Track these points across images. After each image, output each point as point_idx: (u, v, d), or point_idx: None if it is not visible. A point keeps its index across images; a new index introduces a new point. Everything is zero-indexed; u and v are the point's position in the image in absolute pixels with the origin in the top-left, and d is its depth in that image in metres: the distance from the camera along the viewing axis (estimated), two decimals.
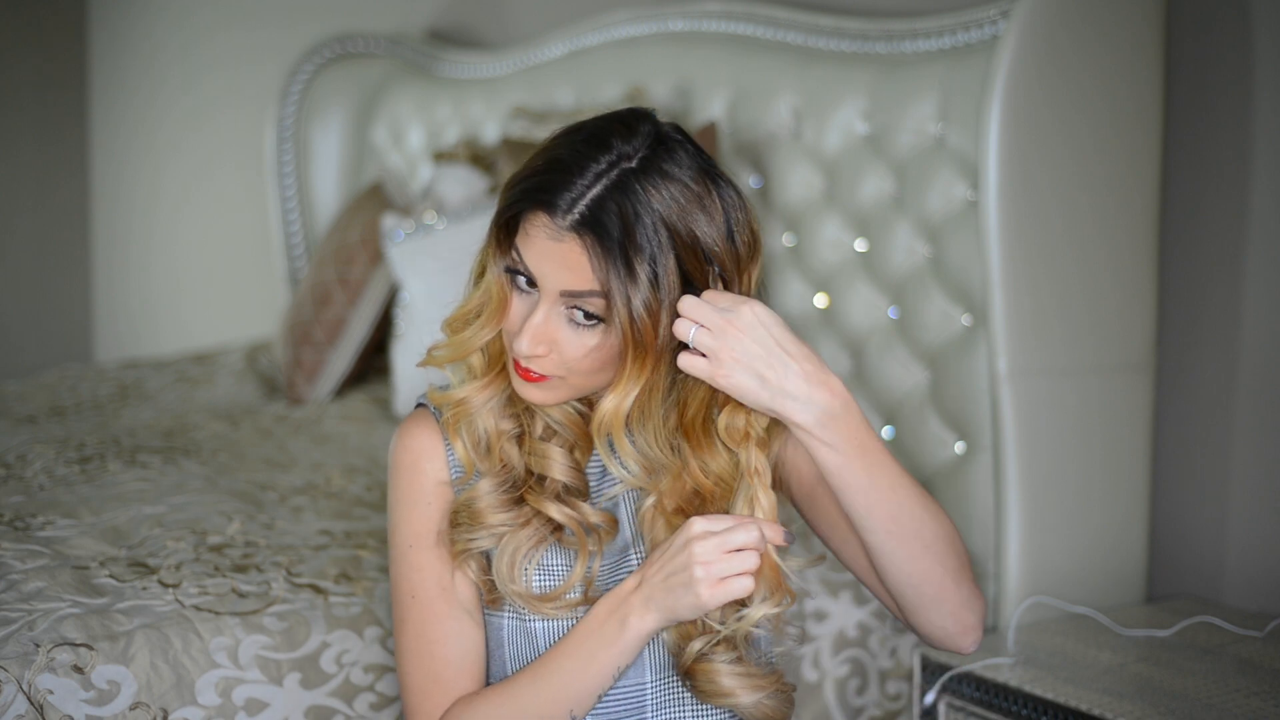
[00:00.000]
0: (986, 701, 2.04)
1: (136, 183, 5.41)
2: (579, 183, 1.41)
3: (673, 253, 1.42)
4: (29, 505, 2.23)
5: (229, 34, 4.84)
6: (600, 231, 1.40)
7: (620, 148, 1.43)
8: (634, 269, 1.40)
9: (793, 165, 2.64)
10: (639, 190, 1.41)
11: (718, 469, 1.51)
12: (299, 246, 3.86)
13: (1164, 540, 2.46)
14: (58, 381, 3.28)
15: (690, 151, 1.46)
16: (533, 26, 3.64)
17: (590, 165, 1.42)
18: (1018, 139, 2.23)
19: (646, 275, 1.41)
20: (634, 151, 1.43)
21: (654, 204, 1.41)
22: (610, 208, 1.41)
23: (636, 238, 1.40)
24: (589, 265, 1.41)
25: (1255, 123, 2.32)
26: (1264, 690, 1.97)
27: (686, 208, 1.43)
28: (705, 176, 1.45)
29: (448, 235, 2.87)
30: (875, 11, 2.68)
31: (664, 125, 1.47)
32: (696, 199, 1.43)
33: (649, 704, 1.54)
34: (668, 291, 1.42)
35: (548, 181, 1.42)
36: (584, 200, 1.41)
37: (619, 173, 1.42)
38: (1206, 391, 2.40)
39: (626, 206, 1.41)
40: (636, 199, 1.41)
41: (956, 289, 2.37)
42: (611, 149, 1.42)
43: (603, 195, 1.41)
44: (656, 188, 1.42)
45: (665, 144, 1.44)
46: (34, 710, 1.69)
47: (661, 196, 1.42)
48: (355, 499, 2.37)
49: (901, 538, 1.45)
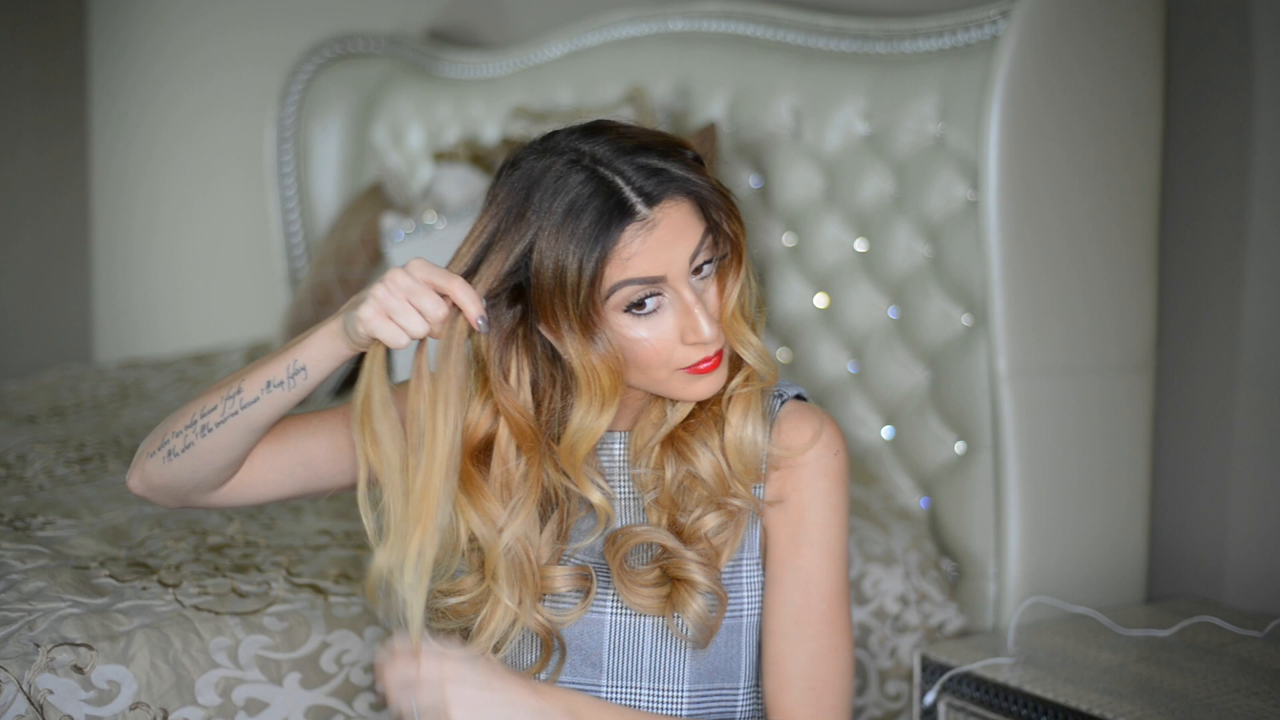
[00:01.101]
0: (986, 701, 2.04)
1: (137, 183, 5.41)
2: (607, 183, 1.43)
3: (674, 146, 1.48)
4: (29, 505, 2.23)
5: (229, 35, 4.84)
6: (666, 183, 1.44)
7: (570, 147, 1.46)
8: (690, 173, 1.45)
9: (793, 165, 2.64)
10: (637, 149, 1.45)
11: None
12: (299, 246, 3.86)
13: (1164, 540, 2.46)
14: (58, 381, 3.28)
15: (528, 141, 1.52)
16: (533, 26, 3.64)
17: (581, 176, 1.44)
18: (1018, 139, 2.23)
19: (695, 169, 1.47)
20: (575, 139, 1.46)
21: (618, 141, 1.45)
22: (642, 170, 1.44)
23: (665, 157, 1.45)
24: (685, 209, 1.45)
25: (1255, 123, 2.32)
26: (1264, 690, 1.97)
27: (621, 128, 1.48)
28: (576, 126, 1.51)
29: (448, 235, 2.87)
30: (875, 11, 2.68)
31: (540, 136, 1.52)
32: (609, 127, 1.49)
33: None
34: (706, 171, 1.49)
35: (600, 209, 1.43)
36: (626, 185, 1.43)
37: (605, 157, 1.44)
38: (1206, 391, 2.40)
39: (653, 156, 1.44)
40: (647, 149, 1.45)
41: (956, 289, 2.37)
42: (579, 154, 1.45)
43: (623, 169, 1.44)
44: (617, 137, 1.46)
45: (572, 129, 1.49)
46: (34, 710, 1.69)
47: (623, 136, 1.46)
48: (355, 499, 2.37)
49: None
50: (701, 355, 1.47)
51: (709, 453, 1.53)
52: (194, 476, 1.52)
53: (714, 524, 1.53)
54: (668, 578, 1.52)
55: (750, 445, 1.53)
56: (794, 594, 1.54)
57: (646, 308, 1.45)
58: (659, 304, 1.45)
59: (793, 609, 1.54)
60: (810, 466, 1.55)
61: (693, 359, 1.47)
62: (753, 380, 1.54)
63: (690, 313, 1.45)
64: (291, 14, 4.49)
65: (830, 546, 1.55)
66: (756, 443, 1.53)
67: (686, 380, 1.49)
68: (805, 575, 1.54)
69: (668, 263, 1.44)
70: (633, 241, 1.42)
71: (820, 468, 1.56)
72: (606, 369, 1.45)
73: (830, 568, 1.55)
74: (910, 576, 2.30)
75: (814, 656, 1.54)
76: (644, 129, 1.49)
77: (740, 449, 1.53)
